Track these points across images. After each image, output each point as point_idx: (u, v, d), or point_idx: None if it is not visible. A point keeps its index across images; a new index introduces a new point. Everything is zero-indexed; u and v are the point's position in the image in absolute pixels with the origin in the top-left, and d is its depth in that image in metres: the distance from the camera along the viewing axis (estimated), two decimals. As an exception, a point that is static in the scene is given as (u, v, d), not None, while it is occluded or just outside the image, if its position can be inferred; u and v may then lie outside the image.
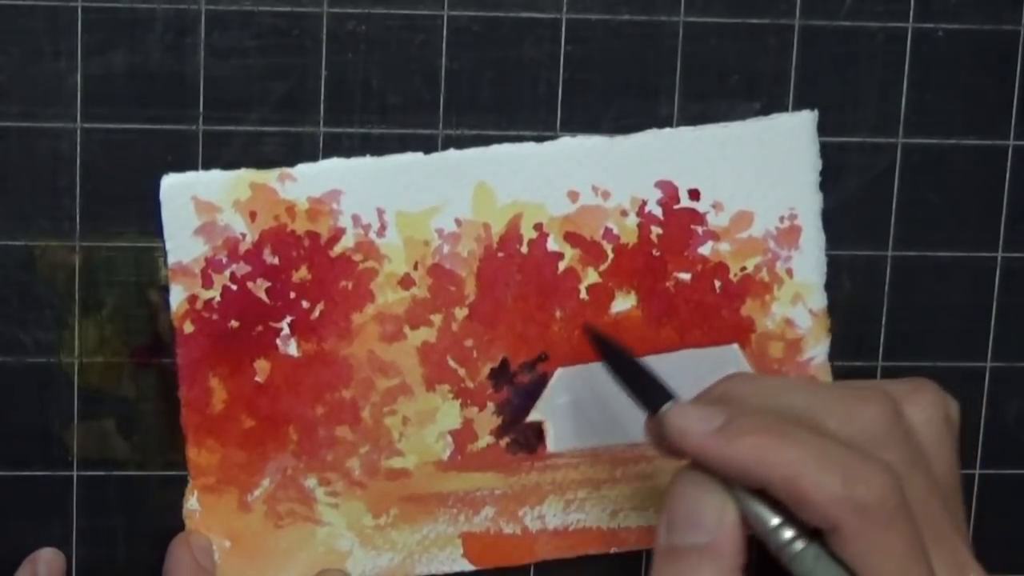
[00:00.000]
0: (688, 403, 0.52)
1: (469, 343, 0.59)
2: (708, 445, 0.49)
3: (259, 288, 0.58)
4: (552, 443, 0.60)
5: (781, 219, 0.60)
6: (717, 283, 0.60)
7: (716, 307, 0.60)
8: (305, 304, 0.58)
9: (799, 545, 0.49)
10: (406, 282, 0.58)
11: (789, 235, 0.60)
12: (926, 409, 0.52)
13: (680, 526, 0.50)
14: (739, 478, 0.49)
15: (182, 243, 0.57)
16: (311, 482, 0.59)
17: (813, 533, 0.49)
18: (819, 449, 0.48)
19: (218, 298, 0.57)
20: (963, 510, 0.52)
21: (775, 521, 0.49)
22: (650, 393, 0.52)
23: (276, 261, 0.58)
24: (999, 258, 0.62)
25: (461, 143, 0.58)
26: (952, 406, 0.53)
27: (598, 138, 0.59)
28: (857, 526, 0.48)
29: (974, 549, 0.51)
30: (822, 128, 0.60)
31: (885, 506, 0.48)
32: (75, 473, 0.58)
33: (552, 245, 0.59)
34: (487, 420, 0.59)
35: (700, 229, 0.59)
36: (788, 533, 0.49)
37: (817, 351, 0.61)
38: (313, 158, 0.58)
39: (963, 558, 0.50)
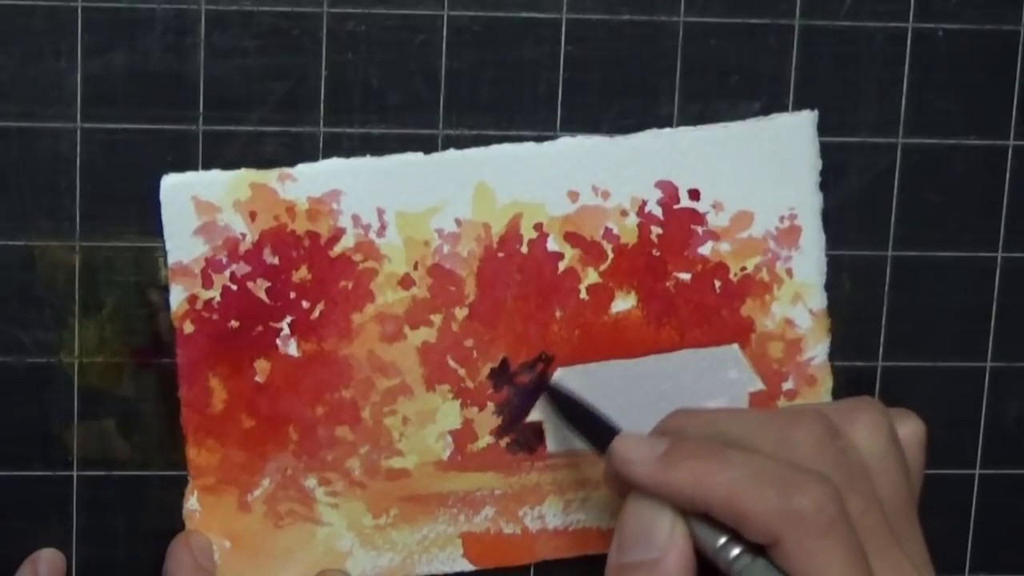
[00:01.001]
0: (632, 435, 0.53)
1: (469, 343, 0.59)
2: (650, 472, 0.51)
3: (259, 288, 0.58)
4: (552, 443, 0.60)
5: (781, 219, 0.60)
6: (717, 283, 0.60)
7: (716, 307, 0.60)
8: (305, 304, 0.58)
9: (746, 560, 0.50)
10: (406, 282, 0.58)
11: (789, 235, 0.60)
12: (866, 426, 0.53)
13: (631, 544, 0.52)
14: (681, 502, 0.51)
15: (182, 243, 0.57)
16: (311, 482, 0.59)
17: (758, 551, 0.50)
18: (754, 467, 0.50)
19: (218, 298, 0.57)
20: (916, 525, 0.53)
21: (722, 540, 0.50)
22: (600, 433, 0.55)
23: (276, 261, 0.58)
24: (999, 258, 0.62)
25: (461, 143, 0.58)
26: (908, 424, 0.54)
27: (598, 138, 0.59)
28: (797, 537, 0.49)
29: (974, 549, 0.51)
30: (822, 128, 0.60)
31: (823, 515, 0.49)
32: (75, 473, 0.58)
33: (552, 245, 0.59)
34: (487, 420, 0.59)
35: (700, 229, 0.59)
36: (735, 550, 0.50)
37: (817, 351, 0.61)
38: (313, 158, 0.58)
39: (909, 573, 0.50)
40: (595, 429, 0.55)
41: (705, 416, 0.55)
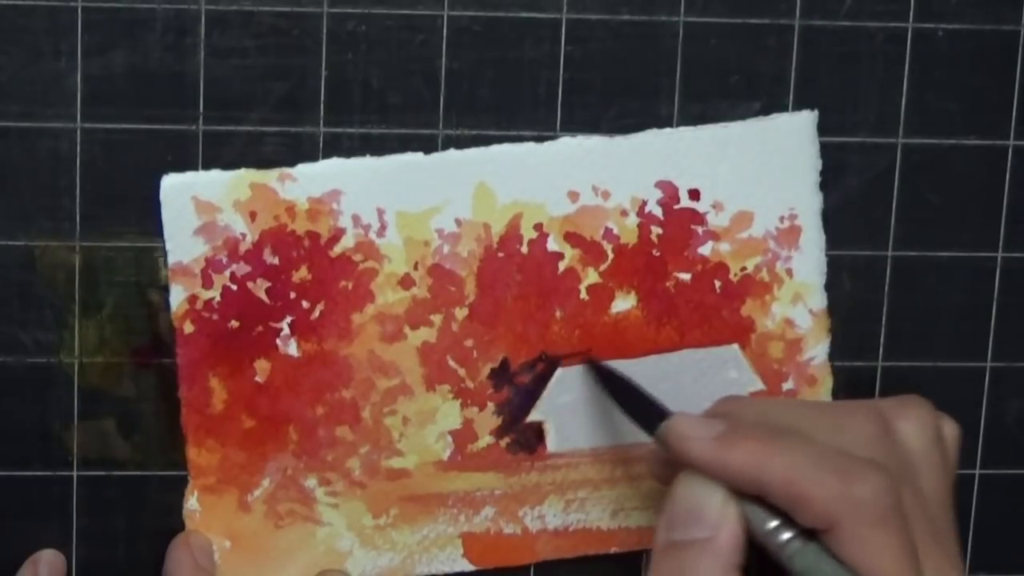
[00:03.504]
0: (689, 414, 0.53)
1: (469, 343, 0.59)
2: (709, 450, 0.51)
3: (259, 288, 0.58)
4: (552, 443, 0.60)
5: (781, 219, 0.60)
6: (717, 283, 0.60)
7: (716, 307, 0.60)
8: (305, 304, 0.58)
9: (798, 544, 0.49)
10: (406, 282, 0.58)
11: (789, 235, 0.60)
12: (915, 423, 0.54)
13: (681, 522, 0.51)
14: (738, 483, 0.51)
15: (182, 243, 0.57)
16: (311, 482, 0.59)
17: (808, 536, 0.50)
18: (815, 452, 0.50)
19: (218, 298, 0.57)
20: (954, 528, 0.53)
21: (774, 522, 0.50)
22: (649, 414, 0.54)
23: (276, 261, 0.58)
24: (999, 258, 0.62)
25: (461, 143, 0.58)
26: (948, 425, 0.55)
27: (598, 138, 0.59)
28: (855, 523, 0.49)
29: (974, 549, 0.51)
30: (822, 128, 0.60)
31: (881, 503, 0.49)
32: (75, 473, 0.58)
33: (552, 245, 0.59)
34: (487, 420, 0.59)
35: (700, 229, 0.59)
36: (787, 533, 0.50)
37: (817, 351, 0.61)
38: (313, 158, 0.58)
39: (948, 571, 0.51)
40: (644, 409, 0.55)
41: (758, 403, 0.55)
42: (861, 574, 0.49)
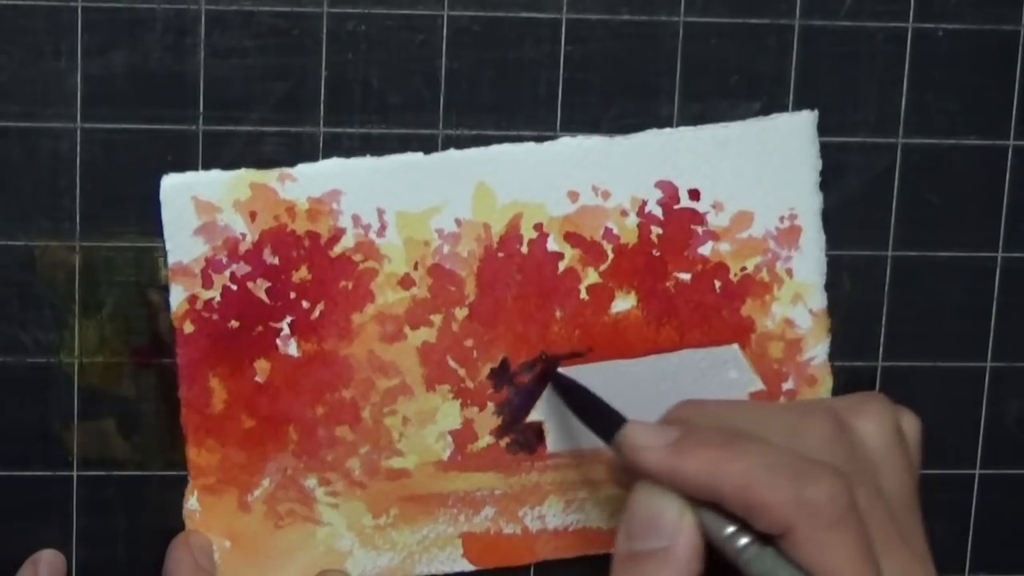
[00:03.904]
0: (642, 422, 0.53)
1: (469, 343, 0.59)
2: (662, 459, 0.51)
3: (259, 288, 0.58)
4: (552, 443, 0.60)
5: (781, 219, 0.60)
6: (717, 283, 0.60)
7: (716, 307, 0.60)
8: (305, 304, 0.58)
9: (755, 549, 0.50)
10: (406, 282, 0.58)
11: (789, 235, 0.60)
12: (873, 420, 0.53)
13: (639, 532, 0.51)
14: (693, 491, 0.51)
15: (182, 243, 0.57)
16: (311, 482, 0.59)
17: (766, 541, 0.50)
18: (768, 457, 0.50)
19: (218, 298, 0.57)
20: (920, 525, 0.53)
21: (730, 529, 0.50)
22: (606, 422, 0.54)
23: (276, 261, 0.58)
24: (999, 258, 0.62)
25: (461, 143, 0.58)
26: (908, 420, 0.54)
27: (598, 138, 0.59)
28: (808, 527, 0.49)
29: (974, 549, 0.51)
30: (822, 128, 0.60)
31: (835, 506, 0.49)
32: (75, 473, 0.58)
33: (552, 245, 0.59)
34: (487, 420, 0.59)
35: (700, 229, 0.59)
36: (744, 539, 0.50)
37: (817, 351, 0.61)
38: (313, 158, 0.58)
39: (914, 568, 0.51)
40: (600, 418, 0.55)
41: (713, 407, 0.55)
42: None
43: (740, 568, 0.50)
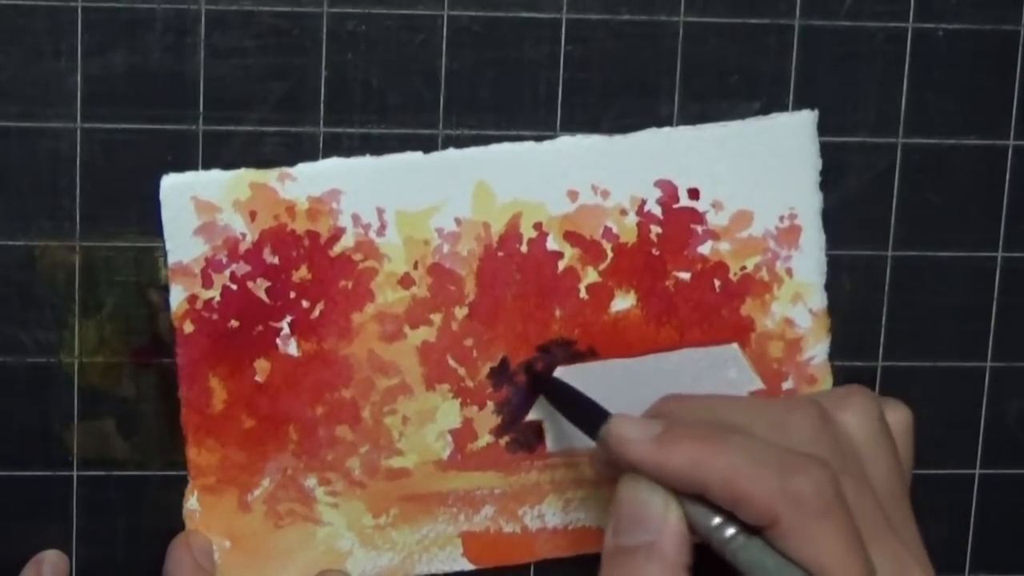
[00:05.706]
0: (627, 416, 0.53)
1: (469, 342, 0.59)
2: (647, 452, 0.51)
3: (259, 288, 0.58)
4: (552, 442, 0.60)
5: (781, 219, 0.60)
6: (717, 282, 0.60)
7: (716, 306, 0.60)
8: (305, 304, 0.58)
9: (741, 540, 0.50)
10: (406, 282, 0.58)
11: (789, 235, 0.60)
12: (857, 412, 0.54)
13: (626, 527, 0.51)
14: (678, 483, 0.51)
15: (182, 243, 0.57)
16: (311, 482, 0.59)
17: (752, 532, 0.50)
18: (753, 449, 0.50)
19: (218, 298, 0.57)
20: (908, 512, 0.53)
21: (717, 519, 0.50)
22: (591, 417, 0.54)
23: (276, 261, 0.58)
24: (999, 258, 0.62)
25: (461, 143, 0.58)
26: (897, 412, 0.55)
27: (597, 137, 0.59)
28: (795, 518, 0.49)
29: (974, 549, 0.51)
30: (822, 128, 0.60)
31: (821, 497, 0.49)
32: (75, 473, 0.58)
33: (552, 244, 0.59)
34: (487, 419, 0.59)
35: (700, 228, 0.59)
36: (731, 529, 0.50)
37: (817, 351, 0.61)
38: (313, 158, 0.58)
39: (905, 558, 0.51)
40: (586, 414, 0.55)
41: (698, 401, 0.55)
42: (805, 567, 0.49)
43: (728, 559, 0.50)
